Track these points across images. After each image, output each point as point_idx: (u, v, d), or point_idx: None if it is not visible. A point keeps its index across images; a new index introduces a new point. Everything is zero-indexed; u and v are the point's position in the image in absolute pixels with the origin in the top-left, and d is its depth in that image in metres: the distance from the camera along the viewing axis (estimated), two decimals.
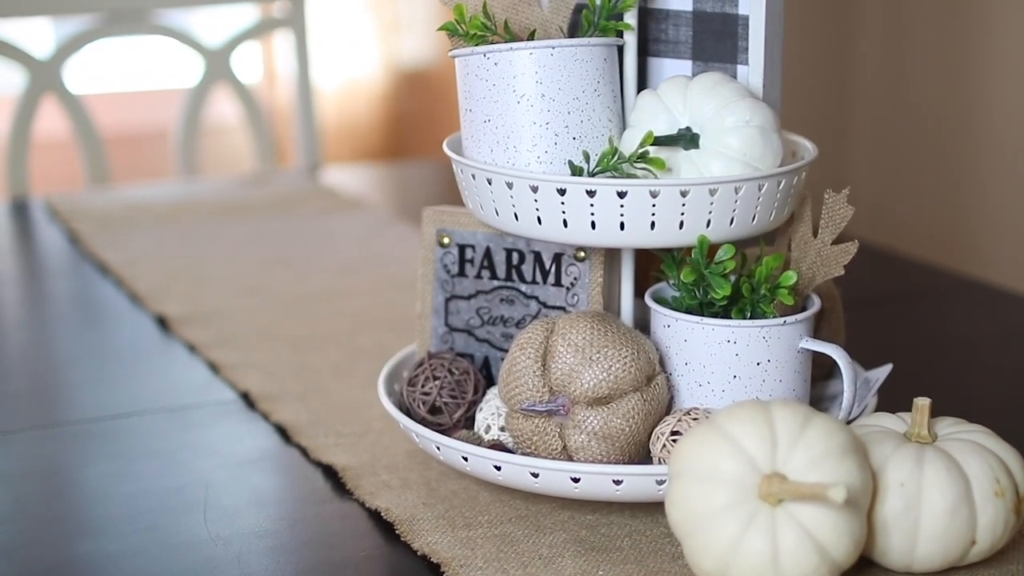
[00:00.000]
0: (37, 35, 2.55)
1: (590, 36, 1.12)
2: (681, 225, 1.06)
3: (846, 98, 2.71)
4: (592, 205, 1.05)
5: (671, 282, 1.13)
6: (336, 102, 3.36)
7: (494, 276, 1.19)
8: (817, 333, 1.20)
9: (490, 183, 1.09)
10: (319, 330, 1.54)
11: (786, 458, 0.93)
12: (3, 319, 1.67)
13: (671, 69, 1.18)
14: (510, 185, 1.07)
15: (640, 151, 1.05)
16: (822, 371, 1.21)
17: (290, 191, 2.13)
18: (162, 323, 1.57)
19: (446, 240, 1.20)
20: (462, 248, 1.20)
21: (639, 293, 1.18)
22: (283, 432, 1.29)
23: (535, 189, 1.06)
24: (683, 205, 1.05)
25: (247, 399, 1.36)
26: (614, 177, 1.07)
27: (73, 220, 1.98)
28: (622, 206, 1.05)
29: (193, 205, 2.05)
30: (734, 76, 1.15)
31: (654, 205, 1.05)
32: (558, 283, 1.17)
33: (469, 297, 1.20)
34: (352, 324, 1.55)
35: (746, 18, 1.13)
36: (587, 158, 1.07)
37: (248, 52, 2.37)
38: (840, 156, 2.71)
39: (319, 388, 1.38)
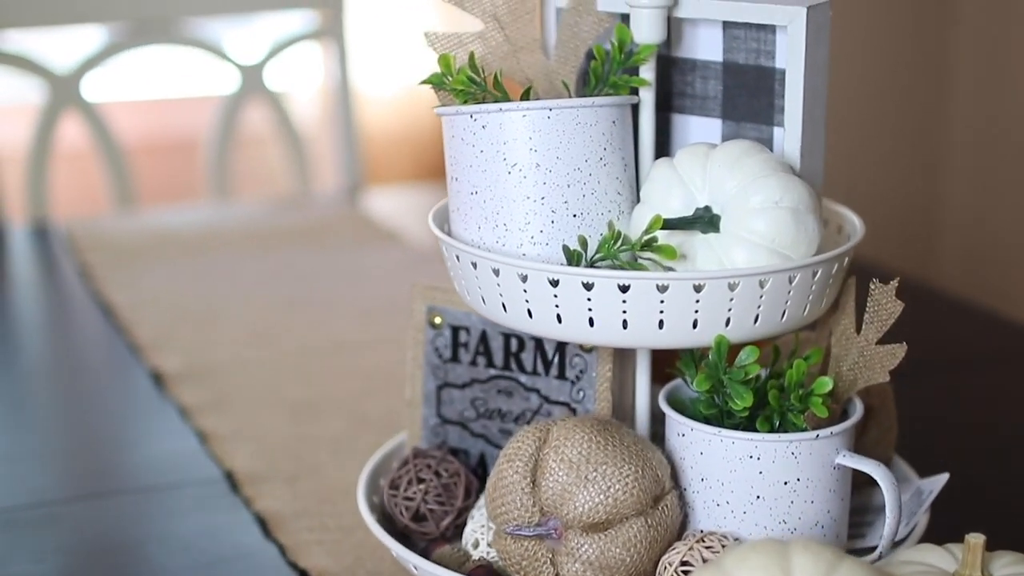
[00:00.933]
0: (58, 48, 2.43)
1: (597, 94, 0.97)
2: (695, 324, 0.90)
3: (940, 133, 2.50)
4: (590, 300, 0.90)
5: (688, 380, 0.97)
6: (394, 111, 3.22)
7: (491, 364, 1.04)
8: (863, 434, 1.04)
9: (475, 267, 0.94)
10: (324, 392, 1.40)
11: None
12: None
13: (697, 128, 1.02)
14: (496, 272, 0.92)
15: (646, 238, 0.89)
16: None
17: (324, 217, 1.99)
18: (157, 379, 1.44)
19: (438, 320, 1.06)
20: (455, 330, 1.05)
21: (659, 379, 1.02)
22: (265, 523, 1.15)
23: (524, 278, 0.91)
24: (697, 301, 0.89)
25: (232, 479, 1.22)
26: (616, 266, 0.91)
27: (89, 251, 1.85)
28: (624, 301, 0.89)
29: (218, 234, 1.92)
30: (769, 139, 0.99)
31: (662, 301, 0.89)
32: (562, 376, 1.01)
33: (463, 386, 1.05)
34: (362, 385, 1.41)
35: (783, 73, 0.97)
36: (584, 244, 0.92)
37: (286, 63, 2.22)
38: (933, 190, 2.51)
39: (313, 468, 1.24)
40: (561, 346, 1.01)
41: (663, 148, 1.03)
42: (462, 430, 1.06)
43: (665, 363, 1.03)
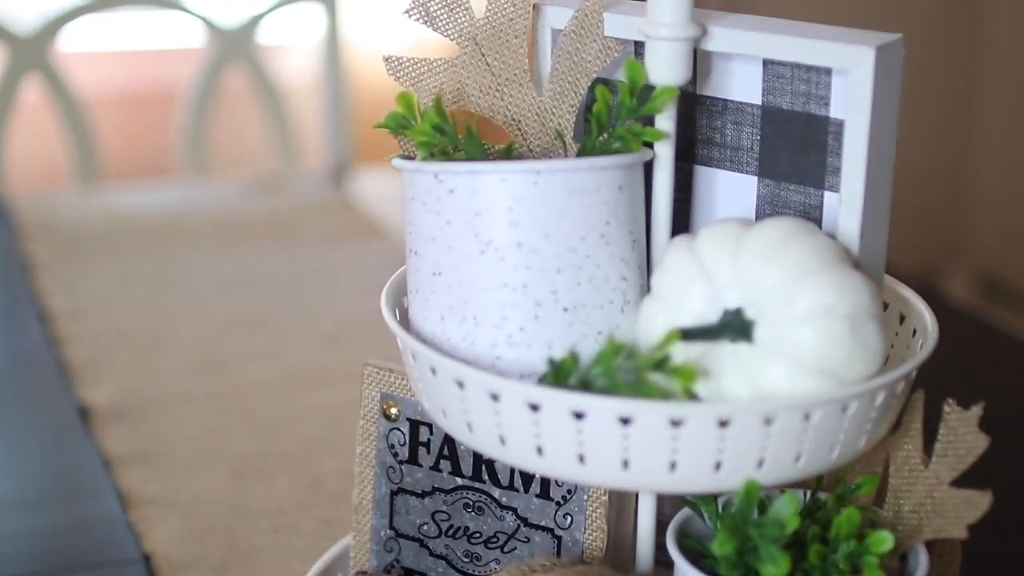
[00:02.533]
0: (21, 9, 2.20)
1: (599, 150, 0.75)
2: (718, 466, 0.69)
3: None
4: (580, 432, 0.68)
5: (705, 517, 0.76)
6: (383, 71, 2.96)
7: (457, 471, 0.83)
8: None
9: (434, 373, 0.72)
10: (274, 443, 1.19)
11: None
12: None
13: (726, 185, 0.80)
14: (461, 384, 0.71)
15: (655, 356, 0.68)
16: None
17: (303, 204, 1.78)
18: (83, 414, 1.23)
19: (394, 412, 0.85)
20: (415, 425, 0.84)
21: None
22: None
23: (495, 397, 0.70)
24: (722, 440, 0.68)
25: (150, 564, 1.02)
26: (616, 386, 0.69)
27: (37, 240, 1.64)
28: (626, 437, 0.68)
29: (182, 224, 1.70)
30: (818, 206, 0.77)
31: (676, 439, 0.67)
32: (545, 495, 0.80)
33: (423, 495, 0.84)
34: (319, 434, 1.20)
35: (841, 124, 0.75)
36: (574, 361, 0.70)
37: (272, 25, 1.99)
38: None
39: (246, 554, 1.03)
40: None
41: (682, 207, 0.81)
42: (419, 548, 0.85)
43: None
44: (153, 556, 1.02)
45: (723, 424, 0.67)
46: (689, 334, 0.69)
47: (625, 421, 0.67)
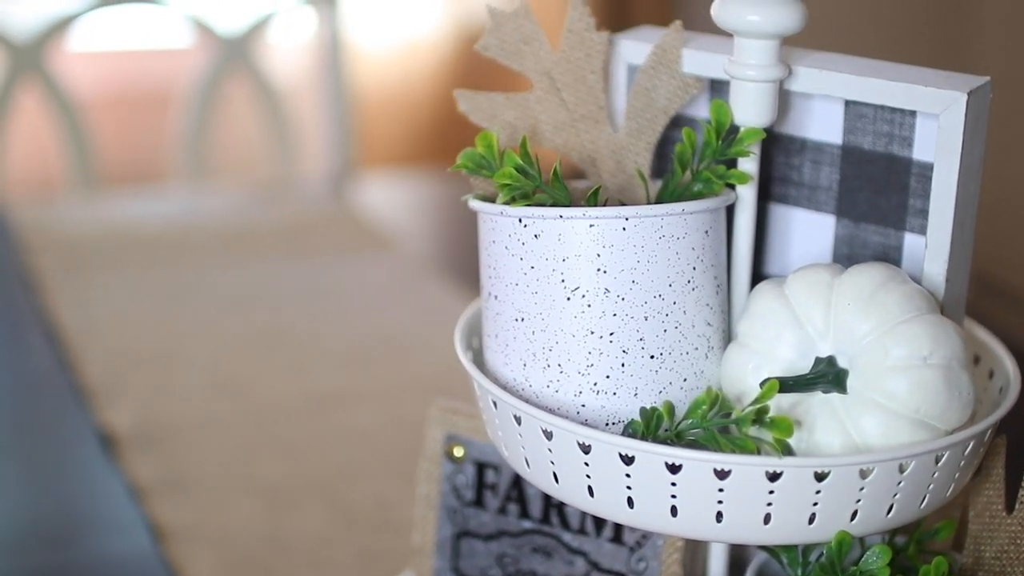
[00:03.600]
0: (19, 14, 2.17)
1: (686, 193, 0.73)
2: (812, 518, 0.67)
3: None
4: (675, 485, 0.67)
5: (785, 563, 0.75)
6: (385, 66, 2.95)
7: (526, 514, 0.81)
8: None
9: (519, 422, 0.71)
10: (301, 470, 1.17)
11: None
12: None
13: (803, 225, 0.79)
14: (549, 435, 0.69)
15: (754, 409, 0.66)
16: None
17: (307, 213, 1.76)
18: (106, 441, 1.21)
19: (459, 453, 0.83)
20: (481, 468, 0.82)
21: None
22: None
23: (586, 448, 0.68)
24: (818, 493, 0.66)
25: None
26: (708, 440, 0.68)
27: (39, 251, 1.62)
28: (721, 490, 0.66)
29: (186, 235, 1.68)
30: (897, 247, 0.76)
31: (772, 492, 0.66)
32: (618, 539, 0.79)
33: (488, 538, 0.83)
34: (349, 461, 1.18)
35: (926, 168, 0.73)
36: (670, 411, 0.69)
37: (272, 29, 1.97)
38: None
39: None
40: None
41: (756, 246, 0.80)
42: None
43: None
44: None
45: (820, 477, 0.66)
46: (787, 386, 0.67)
47: (721, 474, 0.66)
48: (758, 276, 0.79)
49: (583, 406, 0.71)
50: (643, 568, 0.79)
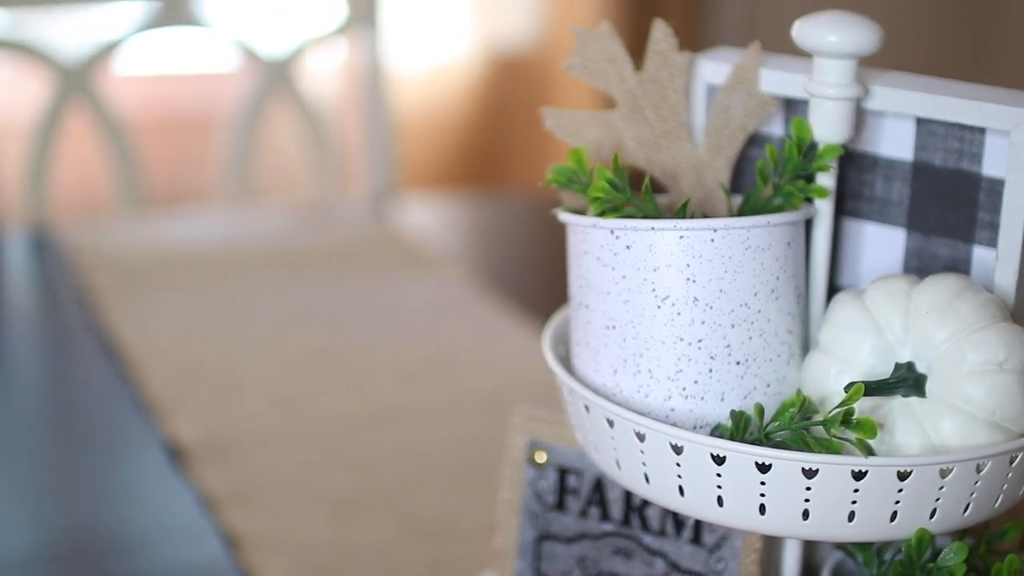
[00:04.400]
0: (68, 36, 2.21)
1: (768, 206, 0.77)
2: (894, 516, 0.71)
3: None
4: (764, 483, 0.70)
5: (860, 561, 0.78)
6: (417, 90, 3.00)
7: (606, 517, 0.85)
8: None
9: (611, 425, 0.74)
10: (366, 482, 1.20)
11: None
12: None
13: (874, 238, 0.82)
14: (641, 437, 0.73)
15: (842, 411, 0.69)
16: None
17: (351, 234, 1.79)
18: (174, 454, 1.24)
19: (541, 459, 0.86)
20: (563, 473, 0.86)
21: None
22: None
23: (678, 449, 0.71)
24: (900, 491, 0.70)
25: None
26: (796, 441, 0.71)
27: (92, 270, 1.65)
28: (809, 488, 0.70)
29: (234, 253, 1.72)
30: (966, 259, 0.79)
31: (856, 490, 0.69)
32: (697, 541, 0.82)
33: (570, 541, 0.86)
34: (409, 474, 1.21)
35: (995, 183, 0.77)
36: (760, 413, 0.72)
37: (313, 53, 2.01)
38: None
39: None
40: None
41: (830, 261, 0.83)
42: None
43: None
44: None
45: (902, 476, 0.69)
46: (872, 389, 0.71)
47: (810, 474, 0.69)
48: (831, 287, 0.82)
49: (672, 410, 0.74)
50: (722, 568, 0.82)
